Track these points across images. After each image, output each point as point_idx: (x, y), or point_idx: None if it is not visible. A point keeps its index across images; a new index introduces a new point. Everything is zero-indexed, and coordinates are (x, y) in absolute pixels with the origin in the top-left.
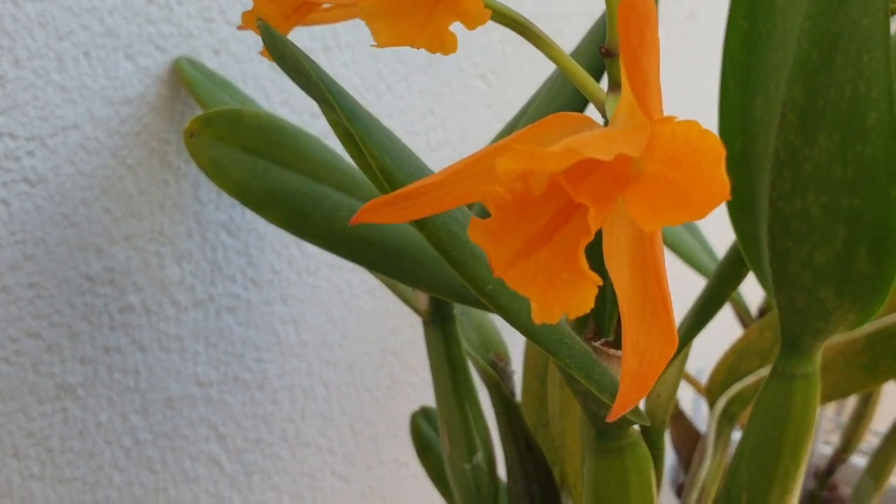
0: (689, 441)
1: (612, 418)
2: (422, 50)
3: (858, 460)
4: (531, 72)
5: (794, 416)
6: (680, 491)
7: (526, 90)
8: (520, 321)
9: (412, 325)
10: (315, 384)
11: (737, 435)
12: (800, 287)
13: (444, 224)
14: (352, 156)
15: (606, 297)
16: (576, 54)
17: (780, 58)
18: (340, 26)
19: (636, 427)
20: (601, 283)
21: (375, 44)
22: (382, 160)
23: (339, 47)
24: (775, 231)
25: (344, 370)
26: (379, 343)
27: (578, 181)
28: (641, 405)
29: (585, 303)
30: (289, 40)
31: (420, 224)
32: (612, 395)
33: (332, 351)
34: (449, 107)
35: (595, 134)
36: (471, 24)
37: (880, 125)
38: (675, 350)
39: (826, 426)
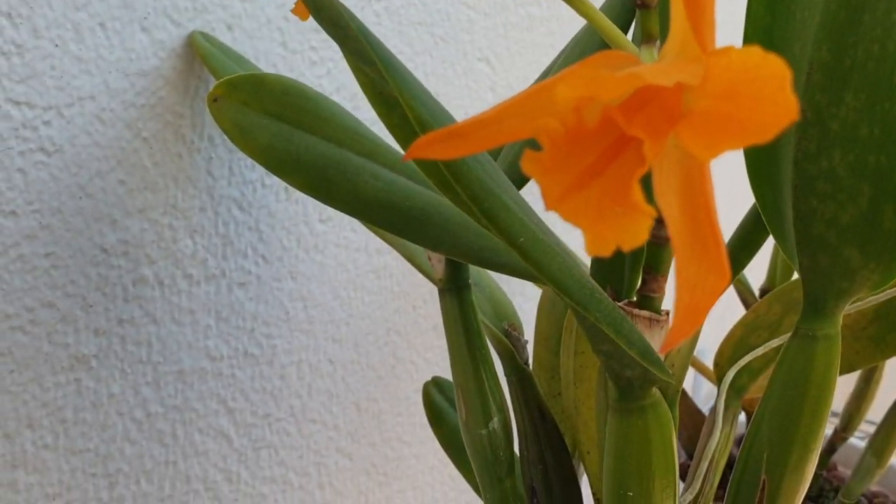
0: (690, 420)
1: (664, 350)
2: (427, 33)
3: (857, 442)
4: (534, 56)
5: (815, 377)
6: (682, 471)
7: (529, 74)
8: (551, 274)
9: (415, 306)
10: (322, 360)
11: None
12: (824, 247)
13: (478, 177)
14: (379, 114)
15: (625, 261)
16: (603, 10)
17: (805, 18)
18: (350, 7)
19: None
20: (655, 214)
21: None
22: (419, 111)
23: None
24: (800, 192)
25: (350, 347)
26: (384, 322)
27: (631, 115)
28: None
29: (639, 235)
30: None
31: (455, 176)
32: (641, 351)
33: (338, 328)
34: (454, 89)
35: (652, 64)
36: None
37: None
38: (727, 284)
39: None
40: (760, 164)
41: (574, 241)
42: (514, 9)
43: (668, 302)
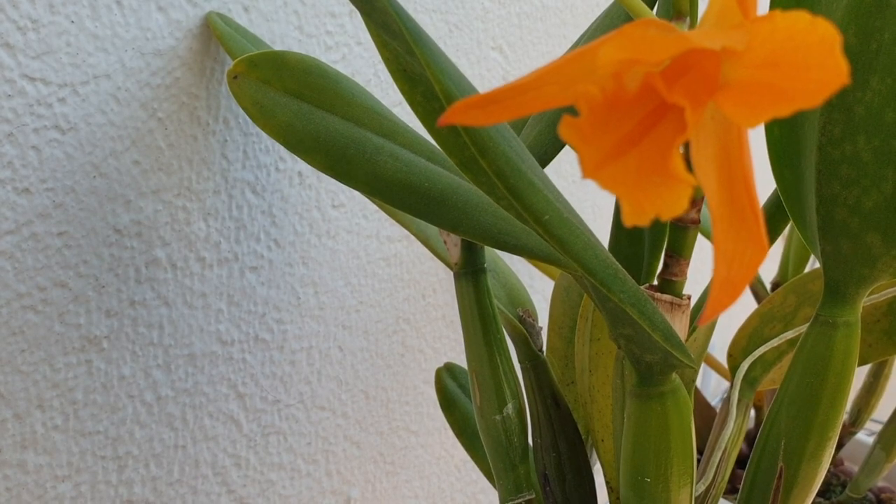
0: (698, 413)
1: (703, 322)
2: (441, 20)
3: (864, 438)
4: (547, 46)
5: (834, 364)
6: None
7: (541, 63)
8: (575, 252)
9: (425, 294)
10: (332, 347)
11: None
12: (846, 233)
13: (504, 152)
14: (402, 91)
15: (644, 245)
16: None
17: (830, 2)
18: None
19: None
20: (695, 183)
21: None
22: (446, 84)
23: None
24: (823, 177)
25: (360, 335)
26: (393, 310)
27: (672, 82)
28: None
29: (678, 204)
30: None
31: (481, 152)
32: (664, 334)
33: (348, 315)
34: (467, 77)
35: (699, 30)
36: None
37: None
38: (764, 257)
39: None
40: (783, 149)
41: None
42: None
43: (688, 286)
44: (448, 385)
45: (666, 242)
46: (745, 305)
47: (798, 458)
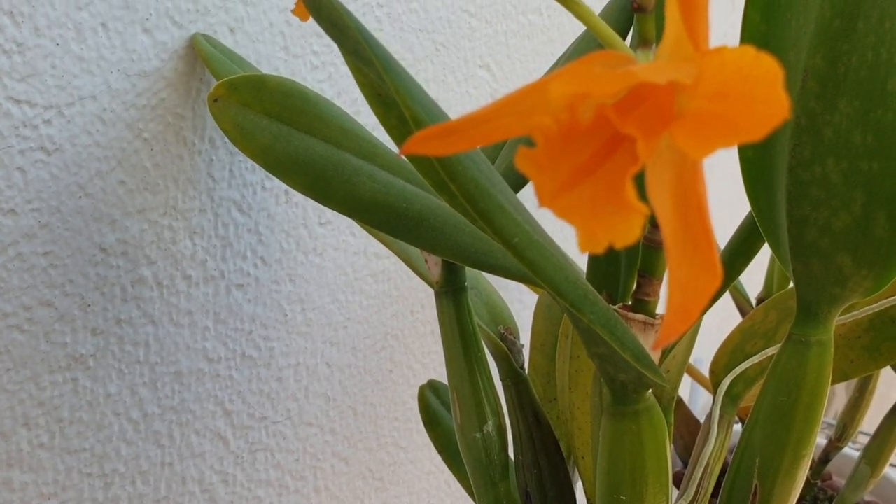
0: (686, 429)
1: (656, 347)
2: (428, 39)
3: (852, 452)
4: (535, 63)
5: (807, 382)
6: (677, 479)
7: (529, 81)
8: (545, 274)
9: (413, 311)
10: (319, 364)
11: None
12: (817, 253)
13: (473, 177)
14: (378, 115)
15: (620, 264)
16: (602, 15)
17: (800, 26)
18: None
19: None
20: (648, 212)
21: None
22: (416, 110)
23: None
24: (794, 198)
25: (348, 351)
26: (381, 326)
27: (625, 114)
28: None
29: (631, 233)
30: None
31: (451, 176)
32: (635, 354)
33: (336, 332)
34: (454, 96)
35: (647, 64)
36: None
37: None
38: (718, 284)
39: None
40: (756, 170)
41: (569, 245)
42: (515, 17)
43: (662, 306)
44: (431, 402)
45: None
46: (732, 320)
47: (773, 476)
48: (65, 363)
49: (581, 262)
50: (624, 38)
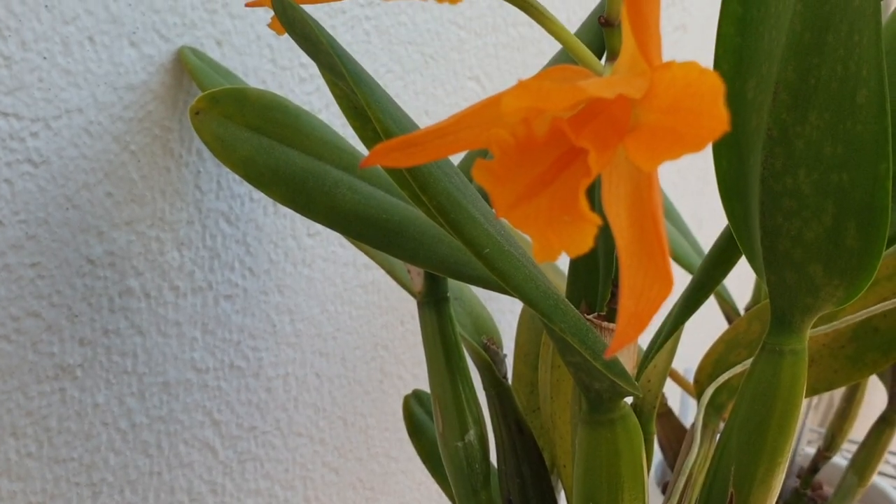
0: (675, 439)
1: (608, 355)
2: (417, 52)
3: (841, 461)
4: (524, 75)
5: (782, 391)
6: (666, 489)
7: None
8: (516, 284)
9: (403, 321)
10: (308, 374)
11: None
12: (789, 264)
13: (445, 188)
14: (354, 128)
15: (599, 275)
16: (578, 33)
17: (772, 39)
18: (339, 26)
19: (628, 402)
20: (601, 223)
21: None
22: (386, 123)
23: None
24: (766, 209)
25: (337, 362)
26: (371, 337)
27: (580, 127)
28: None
29: (584, 243)
30: (299, 7)
31: (422, 187)
32: (605, 363)
33: (325, 342)
34: (443, 107)
35: (598, 78)
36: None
37: (870, 102)
38: (670, 292)
39: (808, 436)
40: (730, 181)
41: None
42: (504, 29)
43: None
44: (416, 412)
45: (613, 272)
46: (720, 330)
47: (749, 484)
48: (52, 373)
49: (563, 272)
50: (602, 52)
